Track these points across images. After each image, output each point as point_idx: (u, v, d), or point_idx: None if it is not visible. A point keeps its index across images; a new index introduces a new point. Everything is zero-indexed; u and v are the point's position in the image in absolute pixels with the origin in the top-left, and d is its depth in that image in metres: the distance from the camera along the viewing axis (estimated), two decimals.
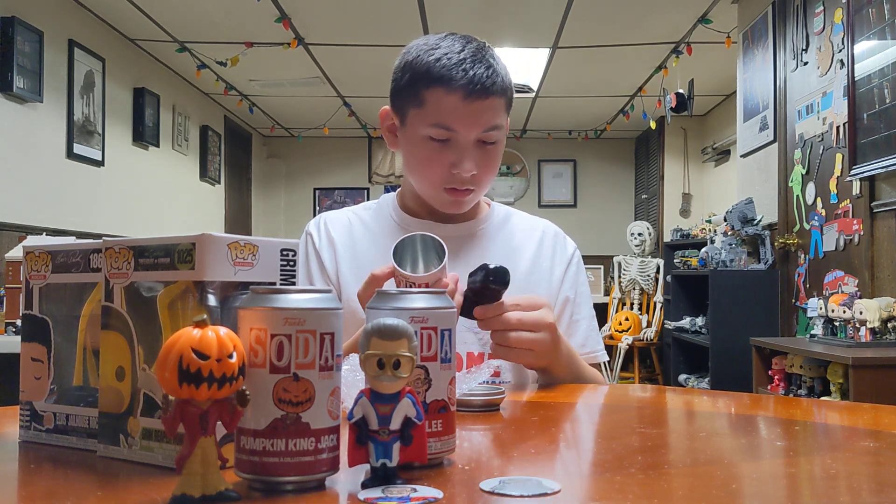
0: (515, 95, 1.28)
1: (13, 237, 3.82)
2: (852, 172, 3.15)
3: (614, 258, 6.98)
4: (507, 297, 1.05)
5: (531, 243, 1.34)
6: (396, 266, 1.01)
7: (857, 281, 3.23)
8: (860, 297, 3.02)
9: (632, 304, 6.78)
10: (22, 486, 0.62)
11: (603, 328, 6.62)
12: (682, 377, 5.25)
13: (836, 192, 3.41)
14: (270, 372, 0.54)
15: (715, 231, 5.04)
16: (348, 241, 1.32)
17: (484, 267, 1.00)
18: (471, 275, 1.03)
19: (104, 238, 0.71)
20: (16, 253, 2.78)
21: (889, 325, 2.80)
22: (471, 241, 1.31)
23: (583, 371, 1.21)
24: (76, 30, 4.59)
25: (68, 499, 0.55)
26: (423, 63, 1.18)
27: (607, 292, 7.25)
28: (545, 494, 0.54)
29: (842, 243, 3.36)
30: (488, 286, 1.01)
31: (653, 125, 6.73)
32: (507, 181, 8.54)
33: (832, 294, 3.30)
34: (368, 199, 7.77)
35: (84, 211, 4.67)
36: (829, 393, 2.88)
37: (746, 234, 4.09)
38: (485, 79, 1.15)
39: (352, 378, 0.76)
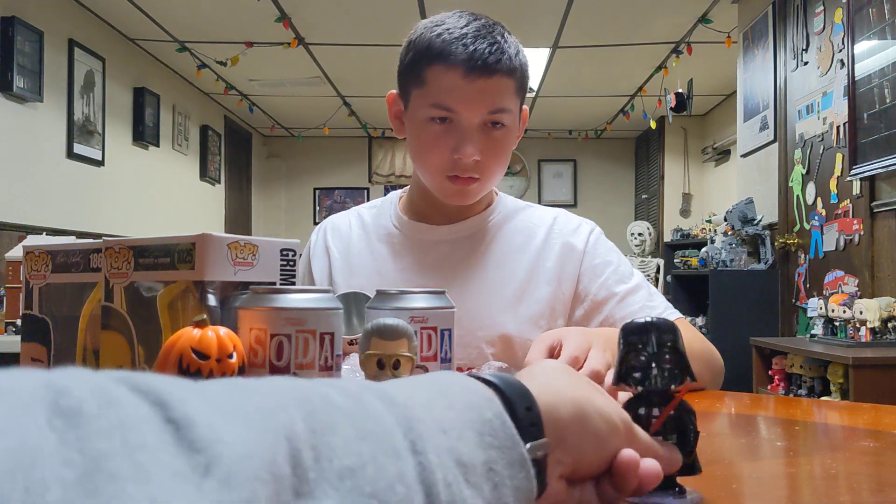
0: None
1: (13, 237, 3.81)
2: (852, 172, 3.15)
3: None
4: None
5: (533, 244, 1.23)
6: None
7: (857, 281, 3.22)
8: (860, 297, 3.02)
9: None
10: None
11: None
12: None
13: (836, 191, 3.41)
14: (270, 372, 0.54)
15: (715, 231, 5.04)
16: (344, 247, 1.28)
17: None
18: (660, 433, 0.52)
19: (104, 238, 0.71)
20: (16, 253, 2.77)
21: (889, 324, 2.80)
22: (469, 242, 1.23)
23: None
24: (76, 30, 4.59)
25: None
26: (424, 40, 1.11)
27: None
28: None
29: (842, 243, 3.35)
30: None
31: (653, 125, 6.73)
32: (508, 181, 8.54)
33: (832, 294, 3.30)
34: (368, 199, 7.77)
35: (84, 211, 4.67)
36: (829, 393, 2.88)
37: (746, 234, 4.09)
38: (487, 55, 1.06)
39: (352, 378, 0.76)
